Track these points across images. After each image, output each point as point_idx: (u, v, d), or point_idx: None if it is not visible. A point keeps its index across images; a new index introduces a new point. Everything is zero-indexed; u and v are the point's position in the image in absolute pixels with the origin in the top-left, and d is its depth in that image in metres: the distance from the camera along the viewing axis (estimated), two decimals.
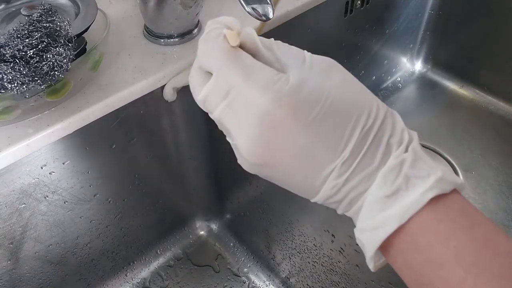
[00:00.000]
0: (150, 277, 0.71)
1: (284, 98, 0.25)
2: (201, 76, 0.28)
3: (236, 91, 0.26)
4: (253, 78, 0.26)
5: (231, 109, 0.26)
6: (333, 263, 0.69)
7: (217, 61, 0.27)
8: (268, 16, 0.46)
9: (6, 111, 0.43)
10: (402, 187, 0.25)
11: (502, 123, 0.89)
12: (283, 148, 0.26)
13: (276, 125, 0.25)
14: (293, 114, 0.25)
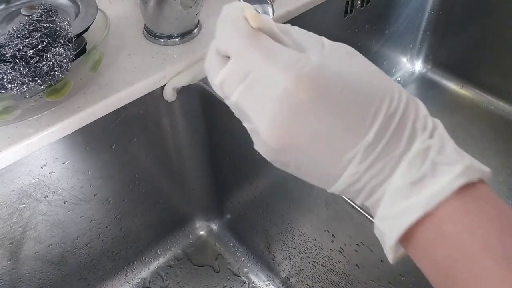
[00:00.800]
0: (150, 277, 0.71)
1: (305, 78, 0.24)
2: (218, 60, 0.27)
3: (256, 72, 0.25)
4: (273, 58, 0.25)
5: (250, 92, 0.26)
6: (333, 263, 0.69)
7: (237, 43, 0.26)
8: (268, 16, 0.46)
9: (6, 111, 0.43)
10: (428, 174, 0.24)
11: (502, 123, 0.89)
12: (304, 130, 0.25)
13: (298, 106, 0.25)
14: (315, 95, 0.24)
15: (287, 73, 0.24)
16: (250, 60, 0.26)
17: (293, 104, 0.25)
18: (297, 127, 0.25)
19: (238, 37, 0.26)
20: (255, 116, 0.26)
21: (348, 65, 0.26)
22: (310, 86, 0.25)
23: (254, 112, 0.26)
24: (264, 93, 0.25)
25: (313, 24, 0.71)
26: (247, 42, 0.26)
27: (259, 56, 0.25)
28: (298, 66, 0.25)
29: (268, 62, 0.25)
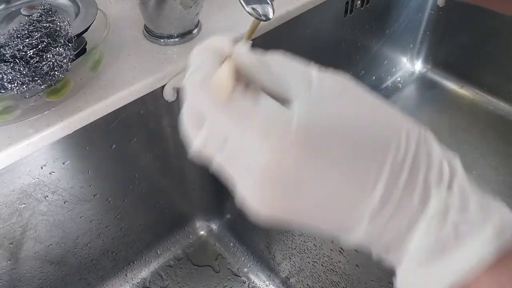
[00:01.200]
0: (150, 277, 0.71)
1: (291, 141, 0.21)
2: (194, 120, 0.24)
3: (234, 140, 0.22)
4: (252, 124, 0.22)
5: (231, 160, 0.23)
6: (333, 263, 0.69)
7: (209, 111, 0.23)
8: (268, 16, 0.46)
9: (6, 111, 0.43)
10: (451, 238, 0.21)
11: (502, 123, 0.89)
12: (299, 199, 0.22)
13: (287, 174, 0.21)
14: (306, 157, 0.21)
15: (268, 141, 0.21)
16: (225, 127, 0.22)
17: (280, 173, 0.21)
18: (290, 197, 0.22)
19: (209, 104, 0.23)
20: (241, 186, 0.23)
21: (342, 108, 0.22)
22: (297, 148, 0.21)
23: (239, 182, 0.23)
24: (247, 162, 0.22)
25: (313, 24, 0.71)
26: (218, 109, 0.23)
27: (233, 122, 0.22)
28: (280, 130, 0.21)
29: (244, 129, 0.22)
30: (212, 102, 0.23)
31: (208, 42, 0.25)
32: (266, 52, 0.25)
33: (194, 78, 0.24)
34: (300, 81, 0.23)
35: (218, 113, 0.23)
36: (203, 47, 0.25)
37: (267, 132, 0.21)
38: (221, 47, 0.25)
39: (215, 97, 0.23)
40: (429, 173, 0.22)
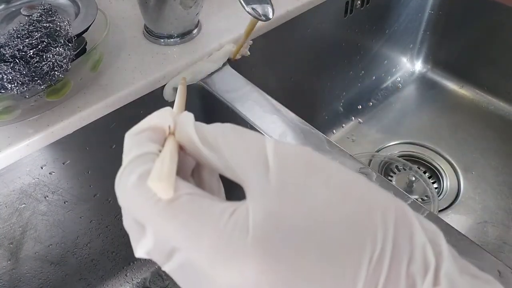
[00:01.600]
0: (150, 277, 0.71)
1: (248, 258, 0.18)
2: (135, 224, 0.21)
3: (181, 256, 0.19)
4: (200, 242, 0.18)
5: (181, 274, 0.20)
6: None
7: (147, 218, 0.20)
8: (268, 16, 0.46)
9: (6, 111, 0.43)
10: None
11: (502, 123, 0.89)
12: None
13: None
14: (268, 273, 0.18)
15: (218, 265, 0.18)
16: (170, 239, 0.19)
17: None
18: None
19: (147, 212, 0.19)
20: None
21: (306, 194, 0.19)
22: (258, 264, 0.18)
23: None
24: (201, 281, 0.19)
25: (313, 24, 0.71)
26: (159, 219, 0.19)
27: (180, 237, 0.19)
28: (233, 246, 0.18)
29: (193, 246, 0.18)
30: (152, 208, 0.19)
31: (142, 122, 0.22)
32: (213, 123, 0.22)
33: (126, 179, 0.20)
34: (254, 166, 0.20)
35: (160, 223, 0.19)
36: (136, 129, 0.22)
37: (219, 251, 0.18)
38: (160, 125, 0.22)
39: (153, 200, 0.19)
40: (412, 263, 0.19)
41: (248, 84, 0.55)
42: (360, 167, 0.45)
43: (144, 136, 0.21)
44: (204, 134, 0.21)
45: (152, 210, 0.19)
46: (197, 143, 0.21)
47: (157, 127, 0.22)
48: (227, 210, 0.19)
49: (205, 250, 0.18)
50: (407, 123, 0.90)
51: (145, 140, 0.21)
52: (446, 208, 0.76)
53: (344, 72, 0.86)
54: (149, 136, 0.21)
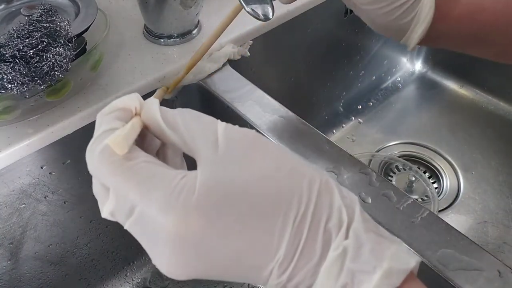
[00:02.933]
0: (150, 277, 0.71)
1: (193, 211, 0.21)
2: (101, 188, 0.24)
3: (138, 210, 0.22)
4: (152, 196, 0.22)
5: (139, 228, 0.23)
6: None
7: (111, 182, 0.23)
8: (268, 16, 0.46)
9: (6, 111, 0.43)
10: (348, 284, 0.22)
11: (502, 123, 0.89)
12: (209, 262, 0.22)
13: (192, 242, 0.22)
14: (209, 225, 0.22)
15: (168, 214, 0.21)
16: (129, 197, 0.22)
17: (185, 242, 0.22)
18: (199, 260, 0.22)
19: (110, 175, 0.23)
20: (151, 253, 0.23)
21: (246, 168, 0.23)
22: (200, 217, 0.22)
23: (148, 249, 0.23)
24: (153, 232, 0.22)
25: (313, 24, 0.71)
26: (120, 179, 0.23)
27: (136, 193, 0.22)
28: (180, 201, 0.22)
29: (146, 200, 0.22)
30: (114, 171, 0.23)
31: (113, 103, 0.25)
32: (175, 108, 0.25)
33: (94, 149, 0.24)
34: (207, 141, 0.23)
35: (121, 183, 0.23)
36: (106, 110, 0.25)
37: (168, 204, 0.22)
38: (127, 107, 0.25)
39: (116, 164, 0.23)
40: (329, 221, 0.23)
41: (248, 84, 0.55)
42: (360, 167, 0.45)
43: (113, 115, 0.25)
44: (166, 115, 0.24)
45: (114, 172, 0.23)
46: (159, 122, 0.24)
47: (125, 108, 0.25)
48: (178, 175, 0.22)
49: (157, 204, 0.22)
50: (407, 123, 0.90)
51: (113, 118, 0.24)
52: (446, 208, 0.76)
53: (344, 72, 0.86)
54: (117, 115, 0.25)
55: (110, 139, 0.23)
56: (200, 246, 0.22)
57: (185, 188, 0.22)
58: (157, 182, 0.22)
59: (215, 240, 0.22)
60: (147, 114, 0.25)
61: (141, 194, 0.22)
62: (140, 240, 0.24)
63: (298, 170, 0.24)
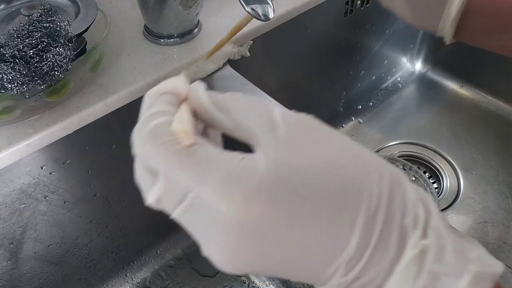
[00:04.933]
0: (150, 277, 0.71)
1: (254, 196, 0.19)
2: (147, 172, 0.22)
3: (192, 196, 0.20)
4: (209, 179, 0.20)
5: (191, 216, 0.21)
6: None
7: (163, 164, 0.21)
8: (268, 16, 0.46)
9: (6, 111, 0.43)
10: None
11: (502, 123, 0.89)
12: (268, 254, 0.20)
13: (251, 232, 0.20)
14: (271, 212, 0.20)
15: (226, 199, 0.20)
16: (183, 182, 0.20)
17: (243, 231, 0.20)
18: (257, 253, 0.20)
19: (162, 157, 0.21)
20: (203, 242, 0.21)
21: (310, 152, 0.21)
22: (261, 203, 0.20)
23: (200, 239, 0.22)
24: (208, 220, 0.20)
25: (313, 24, 0.71)
26: (174, 161, 0.21)
27: (191, 177, 0.20)
28: (241, 184, 0.20)
29: (203, 185, 0.20)
30: (168, 153, 0.21)
31: (161, 85, 0.24)
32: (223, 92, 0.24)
33: (145, 127, 0.22)
34: (263, 124, 0.22)
35: (175, 165, 0.21)
36: (156, 91, 0.24)
37: (228, 188, 0.20)
38: (177, 89, 0.24)
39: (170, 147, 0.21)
40: (405, 217, 0.21)
41: (248, 84, 0.55)
42: None
43: (162, 97, 0.23)
44: (215, 99, 0.23)
45: (166, 155, 0.21)
46: (208, 106, 0.23)
47: (174, 91, 0.24)
48: (237, 156, 0.21)
49: (214, 187, 0.20)
50: (407, 123, 0.90)
51: (163, 100, 0.23)
52: (446, 208, 0.76)
53: (344, 72, 0.86)
54: (167, 98, 0.23)
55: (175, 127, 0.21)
56: (260, 234, 0.20)
57: (246, 171, 0.20)
58: (214, 164, 0.20)
59: (278, 228, 0.20)
60: (195, 98, 0.23)
61: (196, 177, 0.20)
62: (190, 229, 0.22)
63: (364, 158, 0.22)
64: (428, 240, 0.20)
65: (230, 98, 0.23)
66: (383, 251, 0.20)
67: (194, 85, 0.24)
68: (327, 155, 0.21)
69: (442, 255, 0.20)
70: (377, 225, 0.20)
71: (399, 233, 0.20)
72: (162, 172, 0.21)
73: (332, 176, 0.20)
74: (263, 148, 0.21)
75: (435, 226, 0.21)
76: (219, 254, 0.21)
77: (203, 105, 0.23)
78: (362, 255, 0.20)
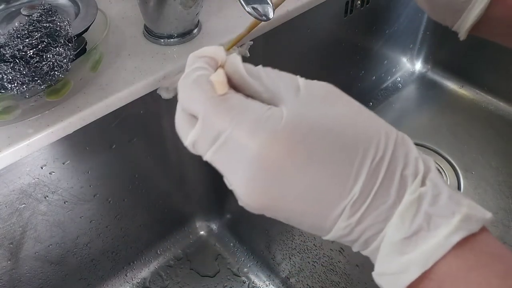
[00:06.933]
0: (150, 277, 0.71)
1: (279, 136, 0.23)
2: (186, 119, 0.26)
3: (225, 135, 0.24)
4: (242, 120, 0.24)
5: (223, 153, 0.24)
6: (333, 263, 0.69)
7: (202, 107, 0.25)
8: (268, 16, 0.46)
9: (6, 111, 0.43)
10: (423, 227, 0.23)
11: (502, 123, 0.89)
12: (285, 190, 0.24)
13: (274, 167, 0.23)
14: (292, 153, 0.23)
15: (256, 135, 0.23)
16: (218, 123, 0.24)
17: (267, 165, 0.23)
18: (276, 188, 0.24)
19: (202, 101, 0.25)
20: (231, 177, 0.25)
21: (328, 109, 0.24)
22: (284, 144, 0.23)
23: (230, 173, 0.25)
24: (237, 155, 0.24)
25: (313, 24, 0.71)
26: (211, 106, 0.24)
27: (226, 119, 0.24)
28: (268, 126, 0.23)
29: (236, 124, 0.24)
30: (207, 98, 0.24)
31: (203, 49, 0.27)
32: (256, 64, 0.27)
33: (188, 78, 0.26)
34: (289, 87, 0.25)
35: (212, 109, 0.24)
36: (199, 53, 0.27)
37: (257, 127, 0.23)
38: (216, 55, 0.27)
39: (209, 94, 0.25)
40: (406, 169, 0.24)
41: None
42: None
43: (203, 59, 0.27)
44: (249, 68, 0.26)
45: (206, 99, 0.24)
46: (243, 71, 0.26)
47: (214, 57, 0.27)
48: (265, 106, 0.24)
49: (246, 126, 0.23)
50: (407, 123, 0.90)
51: (204, 62, 0.27)
52: None
53: (344, 72, 0.86)
54: (207, 61, 0.27)
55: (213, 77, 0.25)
56: (279, 170, 0.23)
57: (272, 117, 0.23)
58: (245, 109, 0.24)
59: (297, 166, 0.23)
60: (232, 66, 0.26)
61: (231, 118, 0.24)
62: (220, 167, 0.25)
63: (377, 120, 0.25)
64: (425, 188, 0.24)
65: (262, 69, 0.27)
66: (384, 195, 0.23)
67: (231, 56, 0.27)
68: (342, 113, 0.25)
69: (437, 200, 0.23)
70: (380, 172, 0.23)
71: (400, 181, 0.24)
72: (201, 114, 0.25)
73: (346, 129, 0.24)
74: (288, 104, 0.24)
75: (432, 178, 0.24)
76: (244, 186, 0.24)
77: (239, 70, 0.26)
78: (366, 197, 0.23)
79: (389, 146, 0.24)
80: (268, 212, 0.25)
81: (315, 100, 0.25)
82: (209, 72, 0.26)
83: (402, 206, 0.23)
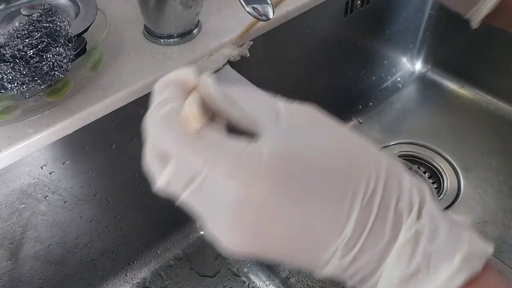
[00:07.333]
0: (150, 277, 0.71)
1: (260, 175, 0.21)
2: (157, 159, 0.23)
3: (202, 177, 0.22)
4: (218, 161, 0.21)
5: (200, 196, 0.22)
6: None
7: (175, 148, 0.22)
8: (268, 16, 0.46)
9: (6, 111, 0.43)
10: (423, 267, 0.21)
11: (502, 123, 0.89)
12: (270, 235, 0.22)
13: (256, 210, 0.21)
14: (275, 193, 0.21)
15: (236, 177, 0.21)
16: (193, 164, 0.22)
17: (249, 210, 0.21)
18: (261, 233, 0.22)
19: (174, 141, 0.22)
20: (209, 221, 0.22)
21: (313, 140, 0.22)
22: (266, 184, 0.21)
23: (208, 217, 0.22)
24: (216, 199, 0.22)
25: (313, 24, 0.71)
26: (184, 145, 0.22)
27: (201, 160, 0.22)
28: (247, 165, 0.21)
29: (212, 165, 0.21)
30: (178, 137, 0.22)
31: (171, 74, 0.25)
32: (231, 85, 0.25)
33: (156, 113, 0.23)
34: (268, 114, 0.23)
35: (185, 149, 0.22)
36: (166, 80, 0.25)
37: (235, 167, 0.21)
38: (186, 79, 0.24)
39: (181, 132, 0.22)
40: (400, 201, 0.22)
41: (248, 84, 0.55)
42: None
43: (173, 85, 0.24)
44: (223, 89, 0.24)
45: (178, 138, 0.22)
46: (217, 95, 0.23)
47: (184, 80, 0.24)
48: (242, 142, 0.22)
49: (223, 169, 0.21)
50: (407, 123, 0.90)
51: (173, 88, 0.24)
52: (446, 208, 0.76)
53: (344, 72, 0.86)
54: (176, 86, 0.24)
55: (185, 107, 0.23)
56: (263, 213, 0.21)
57: (251, 155, 0.21)
58: (222, 148, 0.22)
59: (281, 208, 0.21)
60: (204, 88, 0.24)
61: (207, 159, 0.21)
62: (198, 210, 0.23)
63: (363, 148, 0.23)
64: (422, 222, 0.22)
65: (237, 90, 0.24)
66: (379, 233, 0.21)
67: (203, 76, 0.25)
68: (327, 142, 0.22)
69: (436, 236, 0.22)
70: (373, 208, 0.21)
71: (394, 216, 0.22)
72: (173, 154, 0.22)
73: (333, 162, 0.22)
74: (267, 136, 0.22)
75: (429, 209, 0.22)
76: (224, 233, 0.22)
77: (212, 94, 0.23)
78: (359, 237, 0.21)
79: (380, 176, 0.22)
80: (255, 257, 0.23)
81: (298, 129, 0.23)
82: (178, 104, 0.23)
83: (398, 244, 0.22)
